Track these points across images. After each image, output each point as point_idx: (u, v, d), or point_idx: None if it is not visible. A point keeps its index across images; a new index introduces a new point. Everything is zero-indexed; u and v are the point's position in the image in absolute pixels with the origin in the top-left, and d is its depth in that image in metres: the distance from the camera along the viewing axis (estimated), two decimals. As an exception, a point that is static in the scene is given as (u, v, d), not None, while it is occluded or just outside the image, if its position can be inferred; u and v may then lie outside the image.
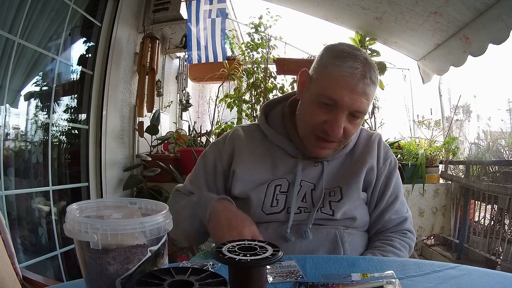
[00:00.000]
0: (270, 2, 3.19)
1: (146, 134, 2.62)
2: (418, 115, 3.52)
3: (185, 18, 2.79)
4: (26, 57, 1.88)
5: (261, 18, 3.00)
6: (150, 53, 2.64)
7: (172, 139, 2.92)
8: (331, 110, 0.85)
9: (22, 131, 1.97)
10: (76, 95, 2.38)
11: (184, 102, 3.38)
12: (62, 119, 2.24)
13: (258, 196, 0.91)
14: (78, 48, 2.43)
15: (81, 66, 2.36)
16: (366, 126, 3.01)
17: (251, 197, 0.91)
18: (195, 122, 3.30)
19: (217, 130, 2.99)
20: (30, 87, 2.00)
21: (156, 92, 2.83)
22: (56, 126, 2.18)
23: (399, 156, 2.95)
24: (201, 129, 2.96)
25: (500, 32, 2.11)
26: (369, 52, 3.07)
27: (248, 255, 0.46)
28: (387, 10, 2.70)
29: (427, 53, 3.06)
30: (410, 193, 2.87)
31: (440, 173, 3.09)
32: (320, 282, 0.60)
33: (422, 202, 2.95)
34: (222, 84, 3.08)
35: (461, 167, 3.05)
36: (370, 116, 3.09)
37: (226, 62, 2.94)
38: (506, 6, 2.04)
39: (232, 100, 3.05)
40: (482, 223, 2.73)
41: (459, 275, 0.62)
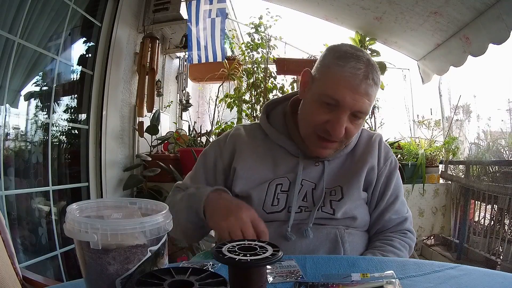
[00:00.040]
0: (270, 2, 3.19)
1: (146, 134, 2.62)
2: (418, 115, 3.53)
3: (185, 18, 2.79)
4: (26, 57, 1.88)
5: (261, 18, 3.00)
6: (150, 53, 2.64)
7: (172, 139, 2.92)
8: (333, 110, 0.85)
9: (22, 131, 1.97)
10: (76, 95, 2.38)
11: (184, 102, 3.38)
12: (62, 119, 2.24)
13: (259, 195, 0.91)
14: (78, 48, 2.43)
15: (81, 66, 2.36)
16: (366, 126, 3.01)
17: (252, 195, 0.91)
18: (195, 122, 3.30)
19: (217, 130, 2.99)
20: (30, 87, 2.01)
21: (156, 92, 2.83)
22: (56, 126, 2.18)
23: (399, 156, 2.95)
24: (201, 129, 2.96)
25: (500, 32, 2.11)
26: (369, 52, 3.07)
27: (248, 255, 0.46)
28: (387, 10, 2.70)
29: (427, 53, 3.06)
30: (410, 193, 2.88)
31: (440, 173, 3.09)
32: (320, 282, 0.60)
33: (422, 202, 2.95)
34: (222, 84, 3.08)
35: (461, 167, 3.05)
36: (370, 116, 3.09)
37: (226, 62, 2.94)
38: (506, 6, 2.04)
39: (232, 100, 3.05)
40: (482, 223, 2.73)
41: (459, 275, 0.62)
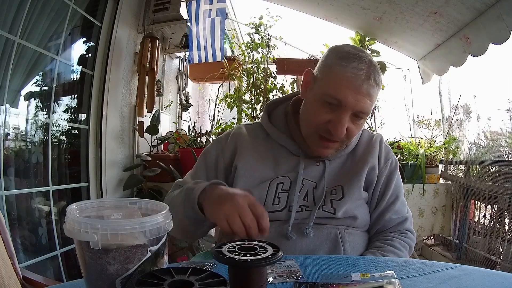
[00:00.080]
0: (270, 2, 3.19)
1: (146, 134, 2.62)
2: (418, 115, 3.53)
3: (185, 18, 2.79)
4: (26, 57, 1.88)
5: (261, 18, 3.00)
6: (150, 53, 2.64)
7: (172, 139, 2.92)
8: (335, 110, 0.86)
9: (22, 131, 1.97)
10: (76, 95, 2.38)
11: (184, 102, 3.38)
12: (62, 119, 2.24)
13: (260, 193, 0.91)
14: (78, 48, 2.43)
15: (81, 66, 2.36)
16: (366, 126, 3.00)
17: (253, 194, 0.91)
18: (195, 122, 3.30)
19: (217, 130, 2.99)
20: (30, 87, 2.01)
21: (156, 92, 2.83)
22: (56, 126, 2.18)
23: (399, 156, 2.95)
24: (201, 129, 2.96)
25: (500, 32, 2.11)
26: (369, 52, 3.06)
27: (248, 255, 0.46)
28: (387, 10, 2.70)
29: (427, 53, 3.05)
30: (410, 193, 2.88)
31: (440, 173, 3.09)
32: (320, 282, 0.60)
33: (422, 202, 2.95)
34: (222, 84, 3.08)
35: (461, 167, 3.05)
36: (370, 116, 3.09)
37: (226, 62, 2.94)
38: (506, 6, 2.04)
39: (232, 100, 3.05)
40: (482, 223, 2.73)
41: (459, 275, 0.62)
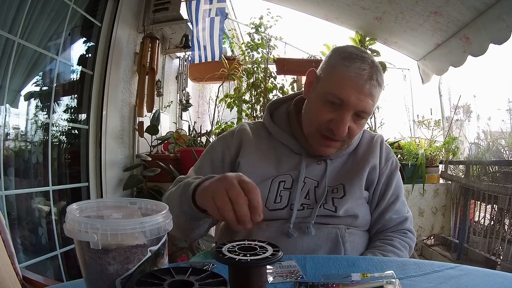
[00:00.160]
0: (270, 2, 3.19)
1: (146, 134, 2.62)
2: (418, 115, 3.53)
3: (185, 18, 2.79)
4: (26, 57, 1.88)
5: (261, 18, 3.00)
6: (150, 53, 2.64)
7: (172, 139, 2.91)
8: (337, 109, 0.87)
9: (22, 131, 1.97)
10: (76, 95, 2.38)
11: (184, 102, 3.37)
12: (62, 119, 2.24)
13: (262, 191, 0.90)
14: (78, 48, 2.43)
15: (81, 66, 2.36)
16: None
17: None
18: (195, 122, 3.30)
19: (217, 130, 2.99)
20: (30, 87, 2.00)
21: (156, 92, 2.83)
22: (56, 126, 2.18)
23: (399, 156, 2.95)
24: (201, 129, 2.96)
25: (501, 32, 2.11)
26: (369, 52, 3.07)
27: (248, 255, 0.46)
28: (387, 10, 2.70)
29: (427, 53, 3.05)
30: (410, 193, 2.88)
31: (440, 173, 3.09)
32: (320, 282, 0.60)
33: (422, 202, 2.95)
34: (222, 84, 3.08)
35: (461, 167, 3.05)
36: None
37: (226, 62, 2.94)
38: (506, 6, 2.03)
39: (232, 100, 3.05)
40: (482, 223, 2.73)
41: (459, 275, 0.62)
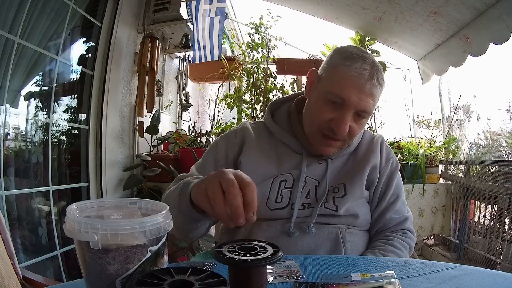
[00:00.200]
0: (270, 2, 3.19)
1: (146, 134, 2.62)
2: (418, 115, 3.53)
3: (185, 18, 2.79)
4: (26, 57, 1.88)
5: (261, 18, 2.99)
6: (150, 53, 2.64)
7: (172, 139, 2.91)
8: (338, 108, 0.87)
9: (22, 131, 1.97)
10: (76, 95, 2.38)
11: (184, 102, 3.38)
12: (62, 119, 2.24)
13: (263, 190, 0.92)
14: (78, 48, 2.43)
15: (81, 66, 2.36)
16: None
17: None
18: (195, 122, 3.30)
19: (217, 130, 2.99)
20: (30, 87, 2.00)
21: (156, 92, 2.83)
22: (56, 126, 2.18)
23: (399, 156, 2.94)
24: (201, 129, 2.96)
25: (501, 32, 2.11)
26: (369, 52, 3.07)
27: (248, 255, 0.46)
28: (387, 10, 2.70)
29: (427, 53, 3.05)
30: (410, 193, 2.87)
31: (440, 173, 3.09)
32: (320, 282, 0.60)
33: (422, 202, 2.95)
34: (222, 84, 3.08)
35: (461, 167, 3.05)
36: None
37: (226, 62, 2.94)
38: (506, 6, 2.03)
39: (232, 100, 3.05)
40: (482, 223, 2.73)
41: (459, 275, 0.62)
